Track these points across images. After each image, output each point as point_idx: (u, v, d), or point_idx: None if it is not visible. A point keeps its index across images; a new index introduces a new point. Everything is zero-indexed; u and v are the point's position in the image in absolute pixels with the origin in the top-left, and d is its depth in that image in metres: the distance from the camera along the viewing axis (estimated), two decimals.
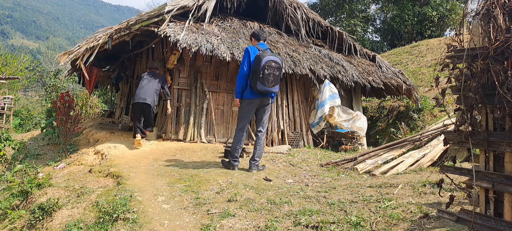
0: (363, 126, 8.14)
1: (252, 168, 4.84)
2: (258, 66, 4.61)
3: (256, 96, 4.83)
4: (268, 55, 4.69)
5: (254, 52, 4.79)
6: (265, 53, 4.70)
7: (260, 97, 4.85)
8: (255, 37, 5.08)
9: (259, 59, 4.63)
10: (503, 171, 1.95)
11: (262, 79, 4.62)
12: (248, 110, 4.90)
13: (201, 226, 3.11)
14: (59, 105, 7.04)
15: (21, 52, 27.17)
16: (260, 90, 4.68)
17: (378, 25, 26.04)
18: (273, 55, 4.75)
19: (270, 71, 4.65)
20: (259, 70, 4.60)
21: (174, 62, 7.26)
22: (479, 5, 2.02)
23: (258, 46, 4.92)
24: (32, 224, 3.98)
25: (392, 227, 2.69)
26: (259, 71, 4.61)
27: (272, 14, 9.35)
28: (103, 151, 6.21)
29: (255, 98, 4.85)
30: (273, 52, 4.84)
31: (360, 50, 10.00)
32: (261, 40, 5.03)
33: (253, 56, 4.75)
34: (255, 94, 4.80)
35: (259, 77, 4.62)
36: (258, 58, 4.65)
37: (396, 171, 4.83)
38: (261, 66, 4.60)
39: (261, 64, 4.60)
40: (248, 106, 4.88)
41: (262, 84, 4.65)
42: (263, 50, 4.80)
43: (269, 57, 4.66)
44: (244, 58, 4.82)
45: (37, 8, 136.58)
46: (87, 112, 14.85)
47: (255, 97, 4.84)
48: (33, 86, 27.42)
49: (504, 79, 1.84)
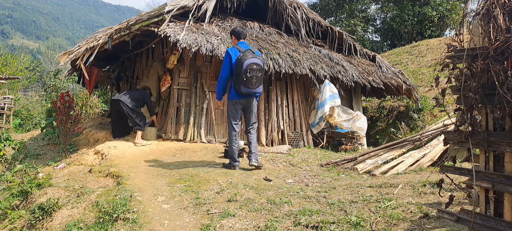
0: (363, 126, 8.14)
1: (252, 159, 4.90)
2: (240, 70, 4.62)
3: (241, 98, 4.91)
4: (249, 57, 4.66)
5: (235, 54, 4.76)
6: (246, 56, 4.66)
7: (245, 98, 4.92)
8: (236, 35, 5.02)
9: (241, 63, 4.62)
10: (503, 171, 1.95)
11: (245, 82, 4.66)
12: (235, 110, 4.97)
13: (201, 226, 3.11)
14: (59, 105, 7.04)
15: (21, 52, 27.21)
16: (244, 92, 4.75)
17: (378, 25, 26.05)
18: (254, 56, 4.71)
19: (252, 74, 4.66)
20: (241, 73, 4.62)
21: (174, 62, 7.26)
22: (479, 5, 2.02)
23: (239, 46, 4.88)
24: (32, 224, 3.98)
25: (392, 227, 2.69)
26: (241, 75, 4.62)
27: (272, 14, 9.35)
28: (103, 151, 6.20)
29: (240, 100, 4.93)
30: (254, 52, 4.81)
31: (360, 50, 10.00)
32: (241, 39, 4.98)
33: (234, 59, 4.74)
34: (239, 96, 4.87)
35: (242, 81, 4.65)
36: (240, 61, 4.63)
37: (396, 171, 4.83)
38: (243, 70, 4.60)
39: (243, 68, 4.60)
40: (234, 107, 4.96)
41: (245, 87, 4.70)
42: (244, 52, 4.74)
43: (250, 60, 4.64)
44: (225, 61, 4.81)
45: (37, 8, 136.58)
46: (87, 112, 14.85)
47: (240, 98, 4.91)
48: (33, 86, 27.42)
49: (504, 79, 1.84)
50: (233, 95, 4.91)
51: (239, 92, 4.78)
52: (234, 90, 4.85)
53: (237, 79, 4.71)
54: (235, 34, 5.04)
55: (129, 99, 6.94)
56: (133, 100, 6.96)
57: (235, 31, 5.07)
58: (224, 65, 4.82)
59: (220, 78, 4.89)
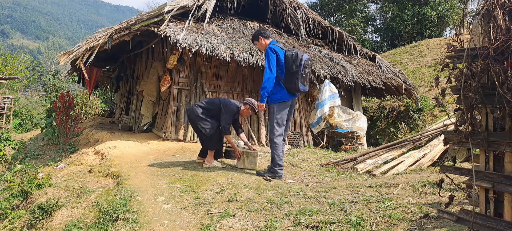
0: (363, 126, 8.14)
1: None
2: (299, 66, 4.28)
3: (292, 97, 4.50)
4: (303, 53, 4.40)
5: (280, 51, 4.43)
6: (300, 51, 4.39)
7: (295, 97, 4.55)
8: (265, 36, 4.62)
9: (297, 58, 4.29)
10: (503, 171, 1.95)
11: (303, 79, 4.33)
12: (284, 113, 4.48)
13: (201, 226, 3.11)
14: (59, 105, 7.04)
15: (21, 52, 27.22)
16: (301, 89, 4.37)
17: (378, 25, 26.04)
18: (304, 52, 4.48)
19: (308, 70, 4.42)
20: (300, 69, 4.28)
21: (174, 62, 7.26)
22: (479, 5, 2.02)
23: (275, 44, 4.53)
24: (32, 224, 3.98)
25: (392, 227, 2.69)
26: (300, 71, 4.28)
27: (272, 14, 9.35)
28: (103, 151, 6.20)
29: (291, 99, 4.51)
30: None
31: (360, 50, 10.01)
32: (270, 38, 4.62)
33: (282, 56, 4.39)
34: (291, 95, 4.45)
35: (301, 77, 4.30)
36: (296, 57, 4.30)
37: (396, 171, 4.83)
38: (302, 66, 4.28)
39: (302, 63, 4.29)
40: (284, 109, 4.47)
41: (303, 84, 4.35)
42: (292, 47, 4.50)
43: (306, 56, 4.37)
44: (272, 60, 4.33)
45: (37, 8, 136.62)
46: (87, 112, 14.85)
47: (291, 98, 4.49)
48: (33, 86, 27.43)
49: (504, 79, 1.84)
50: (284, 95, 4.40)
51: (293, 90, 4.38)
52: (285, 90, 4.39)
53: (291, 77, 4.31)
54: (263, 35, 4.62)
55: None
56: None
57: (262, 33, 4.64)
58: (271, 64, 4.32)
59: (268, 79, 4.30)
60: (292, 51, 4.39)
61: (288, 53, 4.39)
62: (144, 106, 8.53)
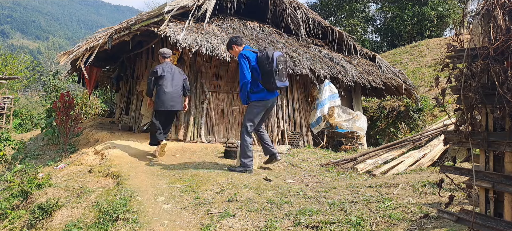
0: (363, 126, 8.14)
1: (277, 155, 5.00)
2: (271, 65, 4.49)
3: (272, 96, 4.73)
4: (273, 51, 4.61)
5: (252, 55, 4.66)
6: (269, 50, 4.62)
7: (275, 96, 4.77)
8: (237, 43, 4.85)
9: (268, 57, 4.52)
10: (503, 171, 1.95)
11: (279, 75, 4.54)
12: (260, 112, 4.76)
13: (201, 226, 3.11)
14: (59, 105, 7.04)
15: (21, 52, 27.23)
16: (280, 86, 4.59)
17: (378, 25, 26.03)
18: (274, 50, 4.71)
19: (283, 66, 4.62)
20: (274, 67, 4.49)
21: (174, 62, 7.25)
22: (479, 5, 2.02)
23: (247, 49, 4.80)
24: (32, 224, 3.98)
25: (392, 227, 2.69)
26: (274, 69, 4.49)
27: (272, 14, 9.35)
28: (103, 151, 6.20)
29: (271, 98, 4.74)
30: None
31: (360, 50, 10.00)
32: (243, 44, 4.87)
33: (253, 59, 4.63)
34: (271, 94, 4.70)
35: (276, 74, 4.51)
36: (267, 57, 4.53)
37: (396, 171, 4.83)
38: (274, 64, 4.49)
39: (273, 61, 4.49)
40: (261, 108, 4.74)
41: (280, 81, 4.57)
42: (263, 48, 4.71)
43: (277, 53, 4.58)
44: (244, 65, 4.59)
45: (37, 8, 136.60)
46: (87, 112, 14.85)
47: (271, 97, 4.73)
48: (33, 86, 27.44)
49: (504, 79, 1.84)
50: (263, 95, 4.67)
51: (272, 88, 4.60)
52: (264, 89, 4.65)
53: (268, 76, 4.54)
54: (235, 43, 4.85)
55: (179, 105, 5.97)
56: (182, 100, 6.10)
57: (234, 41, 4.87)
58: (244, 69, 4.58)
59: (244, 84, 4.59)
60: (263, 51, 4.64)
61: (259, 55, 4.64)
62: (144, 106, 8.53)
